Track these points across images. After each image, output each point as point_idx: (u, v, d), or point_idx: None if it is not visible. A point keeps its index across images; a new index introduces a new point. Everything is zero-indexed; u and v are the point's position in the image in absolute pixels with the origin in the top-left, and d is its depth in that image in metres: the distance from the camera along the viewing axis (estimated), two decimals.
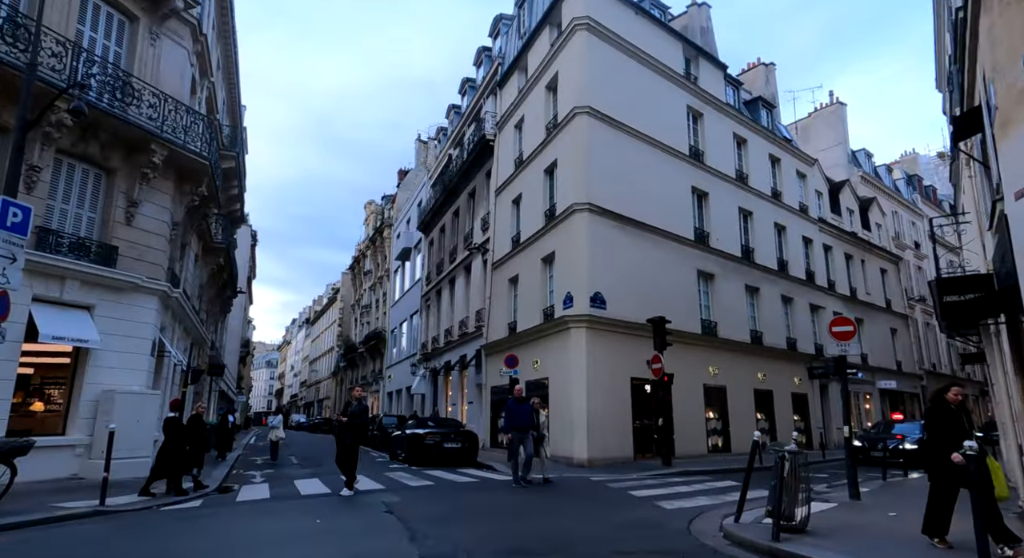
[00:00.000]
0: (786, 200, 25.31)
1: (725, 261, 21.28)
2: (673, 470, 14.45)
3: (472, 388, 24.31)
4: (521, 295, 20.45)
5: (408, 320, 38.15)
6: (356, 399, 11.29)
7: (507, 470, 14.37)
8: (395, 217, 48.05)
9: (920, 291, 36.34)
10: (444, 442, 16.09)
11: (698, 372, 19.07)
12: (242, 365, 67.38)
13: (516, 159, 22.65)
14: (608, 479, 12.77)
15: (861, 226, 31.32)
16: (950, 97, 11.09)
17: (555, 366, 17.10)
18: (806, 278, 25.41)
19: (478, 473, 14.07)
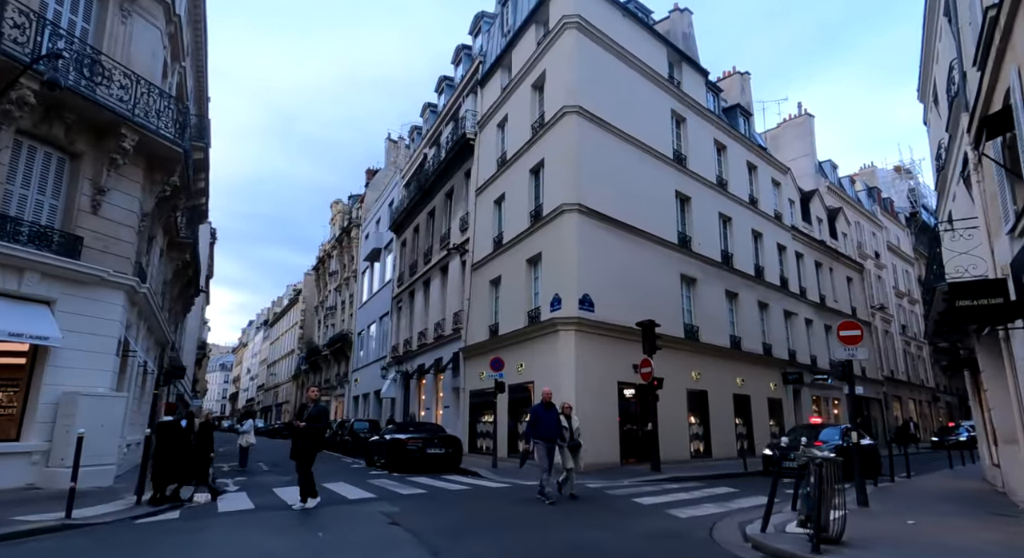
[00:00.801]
0: (762, 207, 25.64)
1: (706, 266, 21.32)
2: (664, 476, 14.21)
3: (448, 392, 23.71)
4: (503, 297, 20.01)
5: (377, 322, 37.23)
6: (312, 401, 10.27)
7: (495, 477, 13.93)
8: (363, 217, 46.99)
9: (880, 299, 37.46)
10: (427, 448, 15.50)
11: (682, 376, 18.97)
12: (197, 368, 64.86)
13: (499, 159, 22.24)
14: (604, 486, 12.45)
15: (829, 235, 32.06)
16: (950, 103, 11.19)
17: (541, 369, 16.72)
18: (780, 284, 25.76)
19: (466, 480, 13.53)
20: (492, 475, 14.45)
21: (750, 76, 30.10)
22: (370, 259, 40.95)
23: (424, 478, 13.79)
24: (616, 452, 16.26)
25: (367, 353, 39.53)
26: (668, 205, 20.35)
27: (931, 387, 44.57)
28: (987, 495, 11.38)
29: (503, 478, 13.59)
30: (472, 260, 22.86)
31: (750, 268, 23.86)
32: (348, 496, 10.52)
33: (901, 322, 40.79)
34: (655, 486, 12.70)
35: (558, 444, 10.31)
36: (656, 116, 20.83)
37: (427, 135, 32.02)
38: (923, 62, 14.99)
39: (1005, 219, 7.89)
